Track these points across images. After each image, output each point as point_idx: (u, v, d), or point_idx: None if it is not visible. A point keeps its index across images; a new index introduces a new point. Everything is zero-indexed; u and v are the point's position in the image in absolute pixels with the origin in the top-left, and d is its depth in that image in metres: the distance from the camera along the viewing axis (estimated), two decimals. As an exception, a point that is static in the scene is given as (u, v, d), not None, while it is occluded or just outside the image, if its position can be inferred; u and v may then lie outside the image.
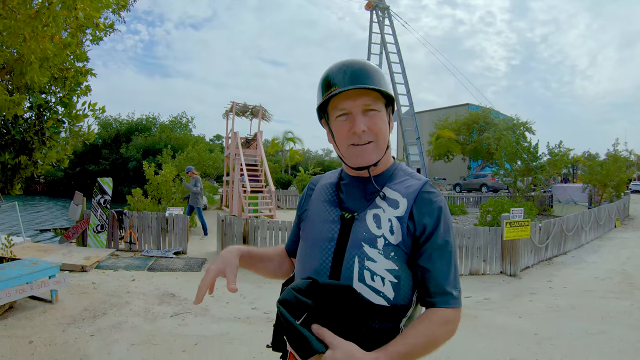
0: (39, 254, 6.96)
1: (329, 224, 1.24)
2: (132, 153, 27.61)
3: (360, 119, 1.17)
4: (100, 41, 5.07)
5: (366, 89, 1.15)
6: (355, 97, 1.17)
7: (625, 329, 4.65)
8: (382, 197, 1.21)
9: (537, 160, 17.55)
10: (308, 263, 1.25)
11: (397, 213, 1.17)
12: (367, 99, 1.17)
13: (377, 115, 1.19)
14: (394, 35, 23.12)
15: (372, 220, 1.18)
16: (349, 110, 1.18)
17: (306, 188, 1.47)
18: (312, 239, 1.27)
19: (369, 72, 1.18)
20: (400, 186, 1.23)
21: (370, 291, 1.12)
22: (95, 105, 4.92)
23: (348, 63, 1.20)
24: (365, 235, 1.16)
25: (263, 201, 15.04)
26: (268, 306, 5.35)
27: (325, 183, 1.38)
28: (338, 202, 1.28)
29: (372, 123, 1.18)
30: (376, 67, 1.23)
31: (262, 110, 17.96)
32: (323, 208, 1.30)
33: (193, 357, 3.82)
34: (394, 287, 1.13)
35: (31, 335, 4.07)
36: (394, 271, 1.13)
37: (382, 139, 1.20)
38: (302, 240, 1.34)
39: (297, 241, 1.42)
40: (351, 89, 1.15)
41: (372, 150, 1.19)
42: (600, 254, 9.31)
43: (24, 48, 3.62)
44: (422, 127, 24.29)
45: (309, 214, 1.34)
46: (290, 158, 42.02)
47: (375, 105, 1.18)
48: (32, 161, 4.71)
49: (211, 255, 8.61)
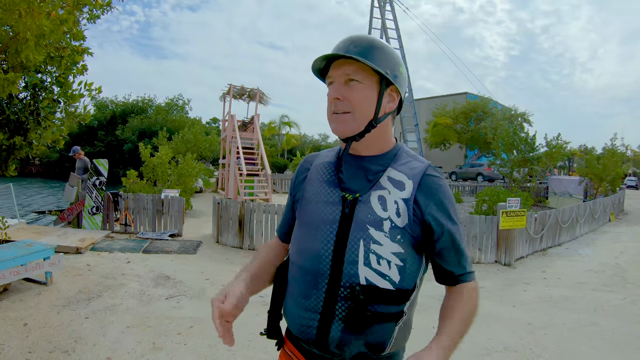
0: (33, 236, 6.92)
1: (329, 205, 1.19)
2: (128, 135, 27.45)
3: (337, 87, 1.16)
4: (97, 19, 4.97)
5: (344, 57, 1.14)
6: (339, 66, 1.17)
7: (617, 321, 4.69)
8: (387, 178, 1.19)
9: (534, 151, 17.56)
10: (308, 247, 1.20)
11: (404, 195, 1.14)
12: (349, 68, 1.15)
13: (356, 86, 1.15)
14: (395, 21, 22.85)
15: (377, 202, 1.15)
16: (333, 79, 1.18)
17: (299, 167, 1.39)
18: (312, 221, 1.21)
19: (362, 44, 1.15)
20: (405, 167, 1.20)
21: (376, 275, 1.10)
22: (92, 85, 4.84)
23: (352, 36, 1.19)
24: (371, 217, 1.13)
25: (259, 184, 14.99)
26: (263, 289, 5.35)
27: (322, 162, 1.31)
28: (338, 183, 1.23)
29: (349, 92, 1.15)
30: (380, 43, 1.18)
31: (259, 93, 17.83)
32: (322, 188, 1.24)
33: (188, 339, 3.82)
34: (400, 270, 1.11)
35: (25, 318, 4.06)
36: (400, 254, 1.11)
37: (359, 111, 1.15)
38: (299, 222, 1.27)
39: (291, 225, 1.38)
40: (338, 57, 1.17)
41: (349, 120, 1.16)
42: (594, 247, 9.37)
43: (19, 24, 3.53)
44: (420, 114, 24.12)
45: (307, 195, 1.27)
46: (286, 142, 41.92)
47: (356, 75, 1.14)
48: (27, 142, 4.64)
49: (206, 238, 8.60)
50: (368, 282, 1.10)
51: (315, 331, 1.15)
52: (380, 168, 1.21)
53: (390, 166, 1.21)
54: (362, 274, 1.10)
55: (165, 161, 11.51)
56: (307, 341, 1.19)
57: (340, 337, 1.11)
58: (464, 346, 3.95)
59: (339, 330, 1.11)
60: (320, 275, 1.15)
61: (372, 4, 23.94)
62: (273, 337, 1.33)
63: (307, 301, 1.17)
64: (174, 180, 11.65)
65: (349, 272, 1.11)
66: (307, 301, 1.17)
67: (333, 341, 1.12)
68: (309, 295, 1.17)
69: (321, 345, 1.15)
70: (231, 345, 1.06)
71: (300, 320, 1.19)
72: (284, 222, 1.43)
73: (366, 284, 1.10)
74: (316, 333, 1.15)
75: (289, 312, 1.25)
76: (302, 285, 1.20)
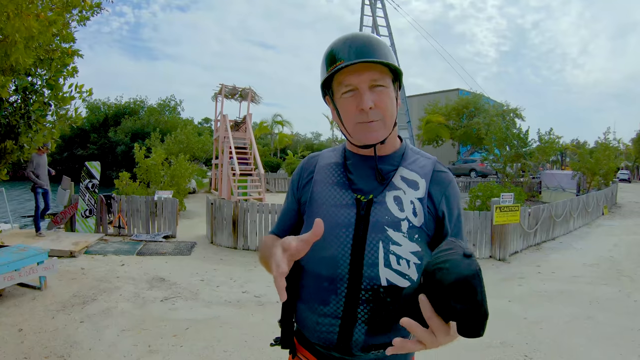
0: (27, 240, 6.88)
1: (342, 208, 1.16)
2: (121, 137, 27.34)
3: (368, 95, 1.09)
4: (87, 21, 4.93)
5: (373, 62, 1.07)
6: (361, 71, 1.09)
7: (612, 314, 4.72)
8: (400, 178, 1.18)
9: (527, 146, 17.65)
10: (323, 251, 1.15)
11: (418, 194, 1.14)
12: (374, 73, 1.09)
13: (384, 92, 1.11)
14: (386, 18, 22.86)
15: (393, 202, 1.13)
16: (355, 86, 1.10)
17: (301, 169, 1.34)
18: (325, 225, 1.14)
19: (375, 45, 1.11)
20: (416, 166, 1.19)
21: (397, 276, 1.08)
22: (82, 88, 4.80)
23: (353, 36, 1.13)
24: (388, 218, 1.11)
25: (252, 184, 14.98)
26: (258, 290, 5.35)
27: (327, 163, 1.28)
28: (349, 184, 1.20)
29: (380, 99, 1.10)
30: (381, 40, 1.15)
31: (251, 92, 17.81)
32: (333, 191, 1.20)
33: (184, 341, 3.81)
34: (418, 268, 1.10)
35: (20, 323, 4.03)
36: (417, 253, 1.10)
37: (389, 116, 1.13)
38: (310, 227, 1.21)
39: (292, 227, 1.34)
40: (357, 63, 1.07)
41: (380, 127, 1.12)
42: (588, 241, 9.43)
43: (7, 26, 3.50)
44: (412, 111, 24.12)
45: (316, 197, 1.22)
46: (279, 141, 41.84)
47: (382, 80, 1.10)
48: (18, 146, 4.60)
49: (201, 239, 8.58)
50: (389, 283, 1.08)
51: (337, 336, 1.12)
52: (391, 168, 1.19)
53: (402, 165, 1.20)
54: (384, 276, 1.08)
55: (159, 162, 11.46)
56: (327, 346, 1.16)
57: (364, 340, 1.10)
58: (460, 342, 3.96)
59: (363, 333, 1.09)
60: (339, 280, 1.12)
61: (363, 1, 23.94)
62: (287, 346, 1.29)
63: (326, 307, 1.14)
64: (167, 181, 11.61)
65: (369, 274, 1.09)
66: (325, 307, 1.14)
67: (357, 344, 1.10)
68: (327, 301, 1.14)
69: (343, 349, 1.13)
70: (283, 300, 0.88)
71: (319, 327, 1.15)
72: (285, 224, 1.37)
73: (387, 285, 1.08)
74: (337, 338, 1.12)
75: (304, 320, 1.21)
76: (318, 291, 1.16)
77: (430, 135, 32.40)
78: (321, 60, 1.19)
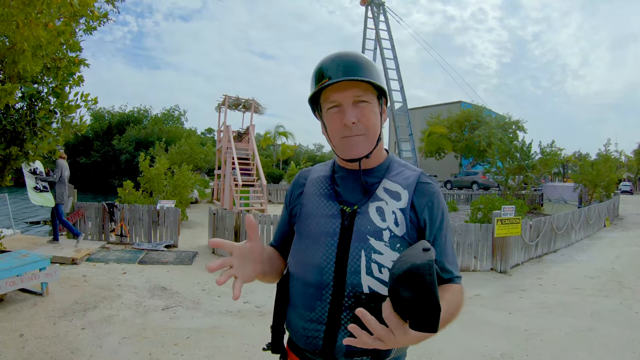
0: (29, 246, 6.90)
1: (329, 218, 1.22)
2: (124, 145, 27.45)
3: (350, 111, 1.15)
4: (93, 31, 5.00)
5: (356, 80, 1.13)
6: (345, 88, 1.15)
7: (613, 326, 4.70)
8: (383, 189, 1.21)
9: (529, 158, 17.66)
10: (309, 259, 1.22)
11: (400, 205, 1.18)
12: (357, 90, 1.15)
13: (367, 107, 1.17)
14: (389, 31, 23.07)
15: (375, 213, 1.18)
16: (339, 102, 1.17)
17: (295, 182, 1.41)
18: (312, 234, 1.23)
19: (360, 63, 1.16)
20: (399, 177, 1.23)
21: (378, 283, 1.12)
22: (88, 96, 4.86)
23: (341, 55, 1.19)
24: (370, 228, 1.16)
25: (254, 195, 15.00)
26: (260, 300, 5.35)
27: (317, 176, 1.34)
28: (335, 196, 1.26)
29: (362, 115, 1.16)
30: (369, 59, 1.22)
31: (254, 103, 17.88)
32: (320, 202, 1.26)
33: (185, 350, 3.81)
34: None
35: (22, 328, 4.04)
36: None
37: (372, 131, 1.18)
38: (299, 236, 1.29)
39: (288, 237, 1.40)
40: (342, 81, 1.13)
41: (363, 141, 1.18)
42: (590, 253, 9.40)
43: (17, 35, 3.56)
44: (414, 123, 24.19)
45: (305, 209, 1.29)
46: (282, 152, 41.94)
47: (365, 96, 1.16)
48: (23, 152, 4.64)
49: (202, 249, 8.58)
50: (371, 290, 1.12)
51: (322, 342, 1.16)
52: (375, 180, 1.24)
53: (385, 177, 1.24)
54: (365, 283, 1.12)
55: (162, 172, 11.51)
56: (313, 352, 1.20)
57: (347, 346, 1.12)
58: (461, 353, 3.96)
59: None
60: (324, 286, 1.17)
61: (366, 14, 24.17)
62: (277, 351, 1.34)
63: (312, 313, 1.18)
64: (170, 191, 11.64)
65: (352, 282, 1.13)
66: (311, 313, 1.18)
67: (340, 350, 1.14)
68: (313, 307, 1.18)
69: (328, 355, 1.16)
70: (235, 299, 1.02)
71: (305, 332, 1.20)
72: (282, 234, 1.43)
73: (369, 292, 1.12)
74: (322, 344, 1.16)
75: (293, 325, 1.26)
76: (305, 297, 1.21)
77: (432, 147, 32.49)
78: (311, 77, 1.24)
